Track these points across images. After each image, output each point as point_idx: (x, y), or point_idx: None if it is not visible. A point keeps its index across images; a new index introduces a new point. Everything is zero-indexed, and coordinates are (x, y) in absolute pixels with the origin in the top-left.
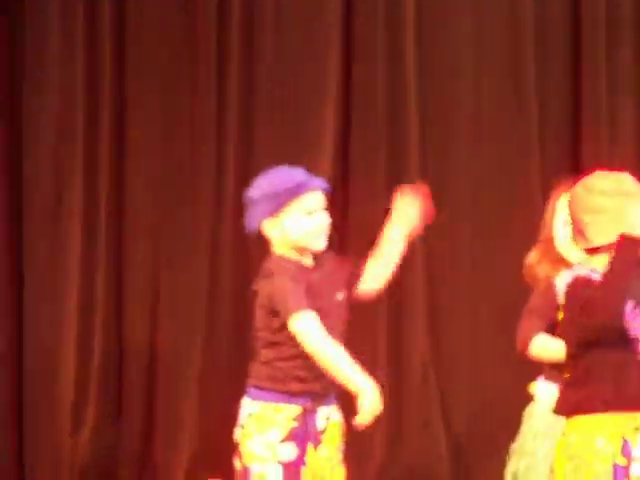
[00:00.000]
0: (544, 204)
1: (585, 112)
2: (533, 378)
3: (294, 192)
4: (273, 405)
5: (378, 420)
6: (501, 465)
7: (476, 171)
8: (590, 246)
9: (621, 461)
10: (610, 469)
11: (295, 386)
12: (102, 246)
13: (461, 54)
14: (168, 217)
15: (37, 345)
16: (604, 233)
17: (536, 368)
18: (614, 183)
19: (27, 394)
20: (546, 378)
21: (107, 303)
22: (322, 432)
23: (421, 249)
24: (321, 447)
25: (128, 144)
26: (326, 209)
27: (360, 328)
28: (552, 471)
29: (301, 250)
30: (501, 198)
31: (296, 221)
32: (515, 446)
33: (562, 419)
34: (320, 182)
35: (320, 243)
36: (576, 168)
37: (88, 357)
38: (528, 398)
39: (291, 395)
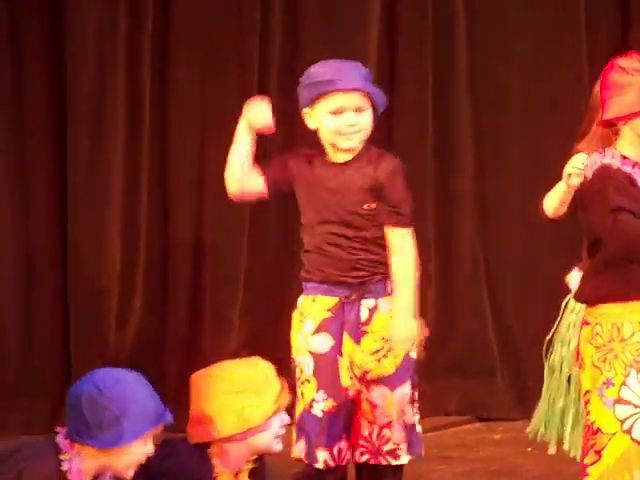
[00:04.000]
0: (591, 86)
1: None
2: None
3: (321, 89)
4: (311, 297)
5: (429, 308)
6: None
7: (526, 48)
8: (603, 119)
9: None
10: (638, 357)
11: (318, 275)
12: (146, 145)
13: None
14: (213, 113)
15: (84, 242)
16: (616, 107)
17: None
18: (635, 63)
19: (73, 291)
20: (580, 269)
21: (152, 199)
22: (365, 323)
23: (469, 135)
24: (366, 338)
25: (171, 36)
26: (361, 109)
27: None
28: (577, 361)
29: (333, 147)
30: (550, 80)
31: (323, 118)
32: (552, 337)
33: None
34: (352, 82)
35: (346, 143)
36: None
37: (134, 252)
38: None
39: (328, 286)
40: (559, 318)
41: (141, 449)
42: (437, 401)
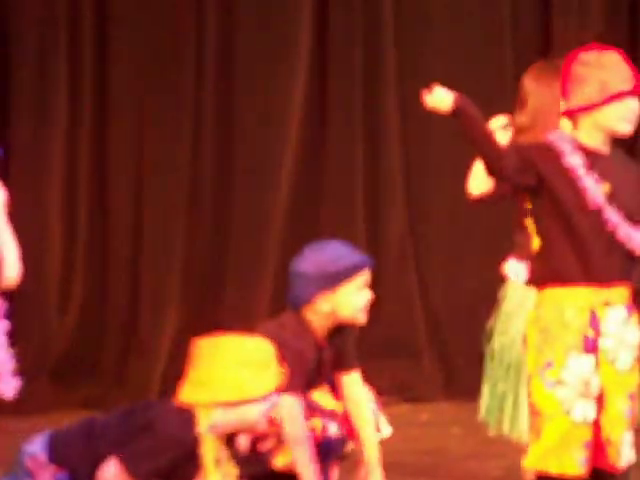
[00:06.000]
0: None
1: None
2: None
3: (352, 272)
4: None
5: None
6: (477, 339)
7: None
8: (564, 110)
9: (590, 333)
10: (580, 341)
11: None
12: (86, 130)
13: None
14: (152, 97)
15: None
16: (577, 98)
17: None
18: (596, 56)
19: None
20: (516, 258)
21: (91, 185)
22: None
23: (397, 126)
24: None
25: (111, 22)
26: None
27: (338, 202)
28: (524, 344)
29: (339, 321)
30: (476, 76)
31: (350, 298)
32: (491, 326)
33: (531, 297)
34: (370, 260)
35: (363, 319)
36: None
37: (74, 237)
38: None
39: None
40: (497, 306)
41: None
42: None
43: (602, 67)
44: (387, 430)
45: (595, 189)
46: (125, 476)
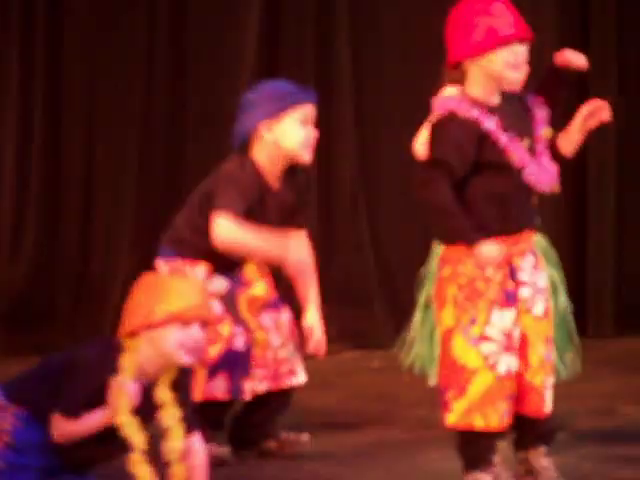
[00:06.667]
0: None
1: None
2: None
3: (295, 99)
4: None
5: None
6: None
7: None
8: (451, 60)
9: (510, 285)
10: (502, 294)
11: None
12: (39, 81)
13: None
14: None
15: None
16: (462, 47)
17: None
18: (482, 4)
19: None
20: None
21: (44, 132)
22: None
23: (349, 77)
24: None
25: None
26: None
27: None
28: (438, 300)
29: (284, 159)
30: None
31: (291, 129)
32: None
33: None
34: (315, 95)
35: (307, 156)
36: None
37: (26, 186)
38: None
39: None
40: (431, 256)
41: None
42: None
43: (488, 14)
44: (303, 376)
45: (517, 148)
46: (66, 423)
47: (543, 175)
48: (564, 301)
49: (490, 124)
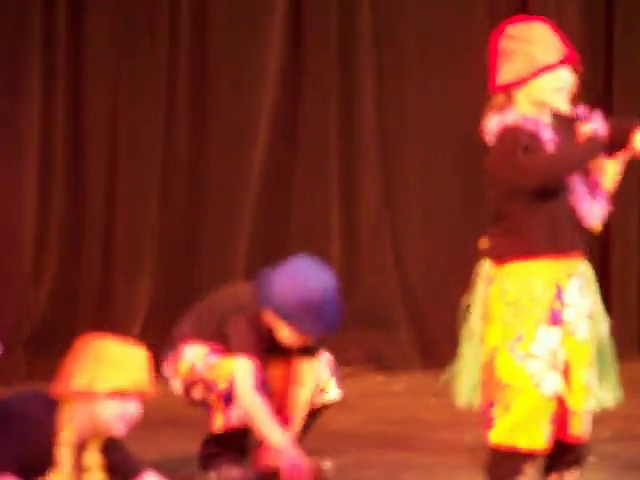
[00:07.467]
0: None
1: None
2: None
3: (307, 330)
4: None
5: (333, 262)
6: (454, 310)
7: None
8: (497, 85)
9: (556, 305)
10: (548, 314)
11: None
12: (61, 100)
13: None
14: (127, 63)
15: None
16: (506, 73)
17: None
18: (523, 29)
19: None
20: None
21: (66, 149)
22: None
23: (373, 95)
24: None
25: None
26: None
27: (313, 170)
28: (485, 318)
29: None
30: (451, 40)
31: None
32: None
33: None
34: (333, 329)
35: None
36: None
37: (48, 204)
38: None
39: None
40: (475, 283)
41: None
42: (340, 352)
43: (529, 40)
44: (336, 393)
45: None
46: None
47: (593, 208)
48: (606, 329)
49: (548, 135)
